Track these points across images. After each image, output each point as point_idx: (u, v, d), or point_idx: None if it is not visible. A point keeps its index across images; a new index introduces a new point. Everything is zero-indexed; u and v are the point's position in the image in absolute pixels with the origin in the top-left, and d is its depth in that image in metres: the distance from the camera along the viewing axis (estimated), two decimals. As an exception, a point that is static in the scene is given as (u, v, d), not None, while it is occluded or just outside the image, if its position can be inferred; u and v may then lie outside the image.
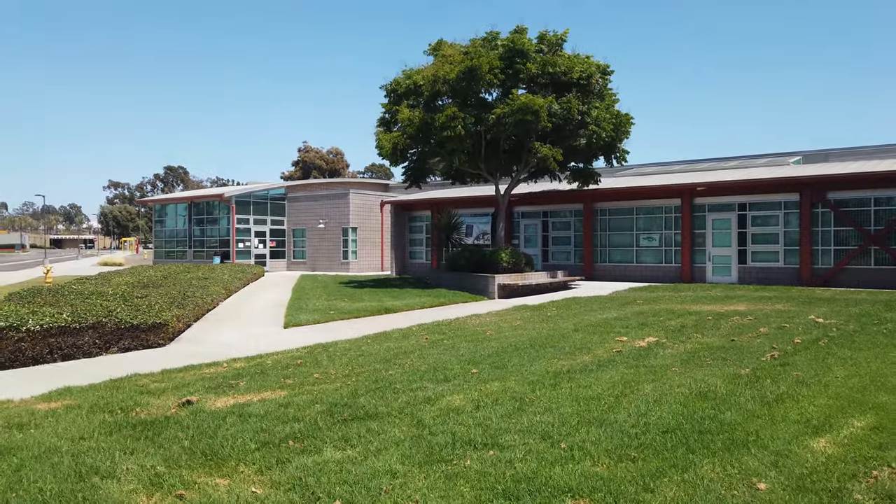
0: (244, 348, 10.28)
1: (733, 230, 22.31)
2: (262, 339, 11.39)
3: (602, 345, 8.77)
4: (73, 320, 9.61)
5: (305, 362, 8.06)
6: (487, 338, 9.74)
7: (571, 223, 26.17)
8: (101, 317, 10.02)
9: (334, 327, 12.73)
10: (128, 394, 6.60)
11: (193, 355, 9.65)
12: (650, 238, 24.15)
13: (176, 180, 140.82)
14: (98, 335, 9.83)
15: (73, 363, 9.27)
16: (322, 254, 35.48)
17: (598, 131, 19.36)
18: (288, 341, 10.85)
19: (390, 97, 21.37)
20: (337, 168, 65.44)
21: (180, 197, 38.62)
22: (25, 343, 8.99)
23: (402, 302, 16.33)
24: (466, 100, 19.46)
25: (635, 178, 27.12)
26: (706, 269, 22.74)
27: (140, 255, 70.52)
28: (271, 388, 6.69)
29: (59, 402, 6.37)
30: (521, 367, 7.22)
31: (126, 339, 10.18)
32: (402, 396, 5.98)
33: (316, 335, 11.64)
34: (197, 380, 7.25)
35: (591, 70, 19.69)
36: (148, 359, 9.49)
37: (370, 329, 12.10)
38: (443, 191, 32.04)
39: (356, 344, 9.63)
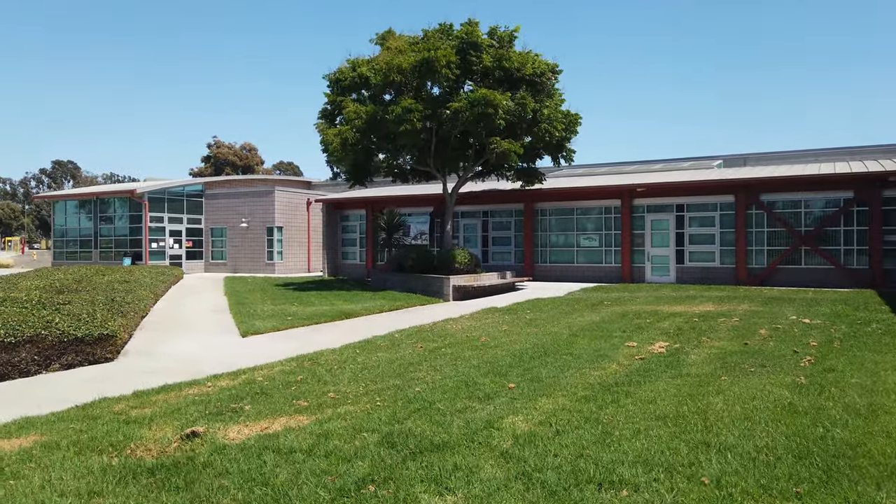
0: (209, 361, 9.12)
1: (671, 231, 22.72)
2: (223, 350, 10.21)
3: (615, 351, 8.31)
4: (6, 333, 8.16)
5: (305, 378, 7.10)
6: (486, 345, 9.07)
7: (512, 223, 25.93)
8: (40, 328, 8.59)
9: (298, 335, 11.67)
10: (110, 425, 5.46)
11: (155, 371, 8.44)
12: (590, 238, 24.25)
13: (65, 176, 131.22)
14: (37, 350, 8.41)
15: (11, 385, 7.85)
16: (244, 254, 33.62)
17: (551, 129, 19.11)
18: (257, 352, 9.76)
19: (334, 88, 20.28)
20: (251, 164, 62.55)
21: (84, 193, 35.51)
22: (-50, 362, 7.51)
23: (358, 306, 15.38)
24: (419, 93, 18.70)
25: (571, 178, 27.26)
26: (645, 269, 23.05)
27: (28, 256, 64.77)
28: (285, 412, 5.74)
29: (26, 439, 5.17)
30: (557, 380, 6.61)
31: (69, 354, 8.78)
32: (454, 420, 5.21)
33: (283, 344, 10.59)
34: (185, 404, 6.17)
35: (543, 68, 19.42)
36: (103, 377, 8.19)
37: (342, 336, 11.15)
38: (378, 189, 31.09)
39: (346, 355, 8.70)
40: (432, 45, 17.94)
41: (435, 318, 12.97)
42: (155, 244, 32.43)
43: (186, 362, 9.12)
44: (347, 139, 18.48)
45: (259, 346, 10.50)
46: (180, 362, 9.13)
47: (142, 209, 32.22)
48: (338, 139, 18.62)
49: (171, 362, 9.13)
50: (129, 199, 32.64)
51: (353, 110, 18.55)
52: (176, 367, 8.67)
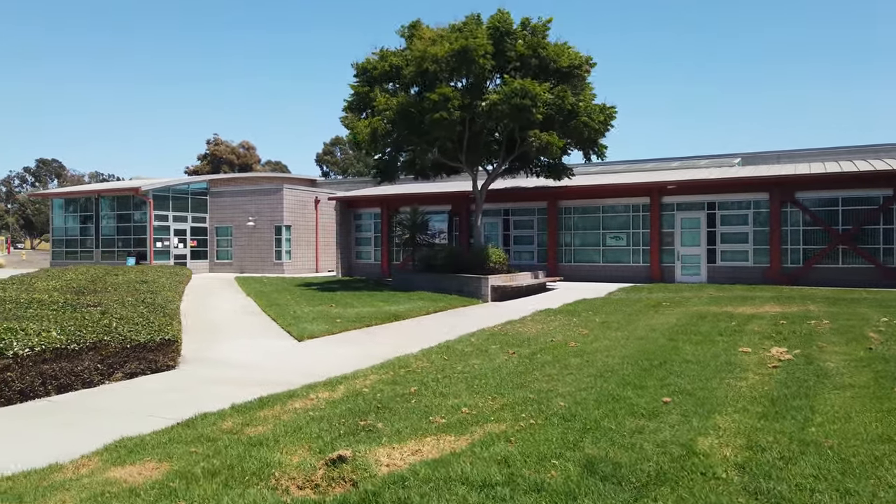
0: (280, 368, 8.40)
1: (702, 229, 22.19)
2: (286, 356, 9.49)
3: (735, 357, 7.68)
4: (68, 339, 7.38)
5: (419, 390, 6.39)
6: (583, 351, 8.41)
7: (534, 222, 25.29)
8: (102, 334, 7.80)
9: (356, 339, 10.97)
10: (235, 448, 4.74)
11: (228, 381, 7.71)
12: (617, 237, 23.67)
13: (50, 174, 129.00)
14: (100, 358, 7.64)
15: (79, 397, 7.08)
16: (251, 254, 32.71)
17: (591, 123, 18.48)
18: (325, 358, 9.06)
19: (361, 78, 19.53)
20: (249, 163, 61.34)
21: (85, 190, 34.40)
22: (12, 372, 6.73)
23: (400, 307, 14.67)
24: (455, 84, 18.01)
25: (590, 176, 26.70)
26: (675, 268, 22.52)
27: (16, 256, 63.16)
28: (427, 431, 5.04)
29: (146, 467, 4.44)
30: (708, 392, 5.97)
31: (132, 362, 8.01)
32: (640, 442, 4.55)
33: (346, 349, 9.89)
34: (303, 421, 5.45)
35: (580, 60, 18.82)
36: (176, 387, 7.44)
37: (404, 341, 10.47)
38: (393, 187, 30.35)
39: (436, 362, 8.00)
40: (469, 33, 17.24)
41: (494, 321, 12.29)
42: (159, 243, 31.45)
43: (255, 370, 8.40)
44: (378, 130, 17.74)
45: (321, 351, 9.79)
46: (248, 370, 8.40)
47: (146, 207, 31.23)
48: (368, 130, 17.88)
49: (238, 370, 8.40)
50: (133, 197, 31.63)
51: (384, 100, 17.82)
52: (248, 376, 7.95)
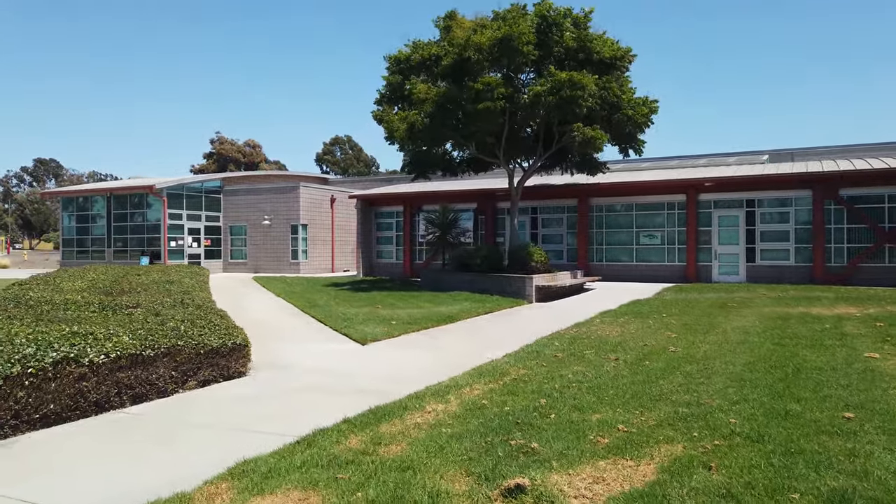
0: (358, 374, 7.76)
1: (741, 227, 21.59)
2: (358, 361, 8.83)
3: (865, 362, 7.05)
4: (142, 346, 6.70)
5: (551, 403, 5.71)
6: (692, 357, 7.75)
7: (564, 220, 24.65)
8: (175, 339, 7.13)
9: (419, 342, 10.32)
10: (386, 473, 4.09)
11: (310, 388, 7.10)
12: (651, 236, 23.05)
13: (48, 174, 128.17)
14: (174, 365, 6.96)
15: (154, 408, 6.40)
16: (267, 253, 32.00)
17: (636, 116, 17.84)
18: (400, 363, 8.46)
19: (395, 69, 18.87)
20: (255, 161, 60.50)
21: (97, 189, 33.63)
22: (88, 382, 6.06)
23: (447, 308, 14.02)
24: (495, 74, 17.36)
25: (621, 174, 26.07)
26: (712, 267, 21.91)
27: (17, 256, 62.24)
28: (595, 453, 4.39)
29: (289, 499, 3.78)
30: (886, 405, 5.34)
31: (206, 369, 7.33)
32: (873, 469, 3.91)
33: (417, 353, 9.27)
34: (441, 439, 4.78)
35: (623, 52, 18.20)
36: (258, 396, 6.78)
37: (471, 345, 9.87)
38: (415, 185, 29.67)
39: (535, 370, 7.34)
40: (513, 21, 16.58)
41: (557, 323, 11.63)
42: (173, 242, 30.74)
43: (334, 375, 7.74)
44: (415, 124, 17.07)
45: (392, 356, 9.14)
46: (327, 375, 7.75)
47: (159, 206, 30.52)
48: (404, 125, 17.21)
49: (315, 376, 7.74)
50: (146, 195, 30.91)
51: (422, 90, 17.14)
52: (330, 383, 7.31)
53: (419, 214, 27.26)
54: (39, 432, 5.60)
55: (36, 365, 5.66)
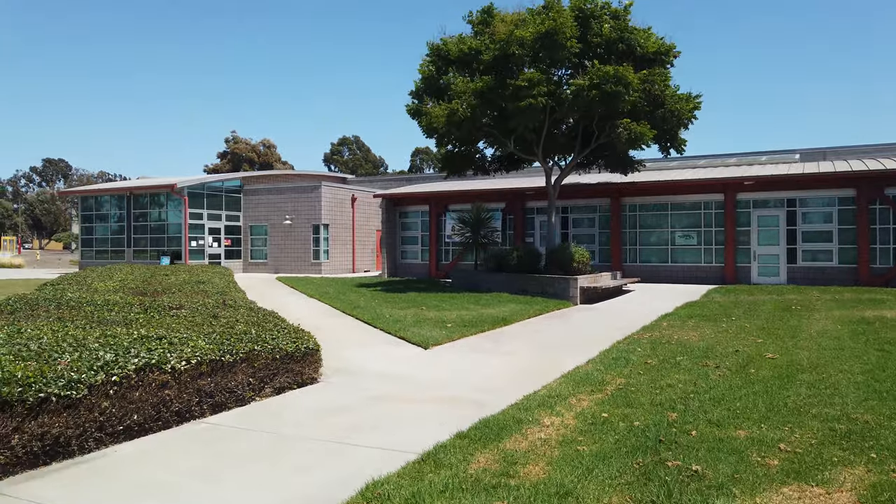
0: (441, 382, 7.29)
1: (781, 228, 21.05)
2: (429, 366, 8.36)
3: None
4: (221, 351, 6.24)
5: (681, 417, 5.24)
6: (799, 365, 7.24)
7: (596, 220, 24.15)
8: (252, 343, 6.67)
9: (482, 346, 9.84)
10: (546, 501, 3.60)
11: (398, 398, 6.62)
12: (687, 236, 22.53)
13: (56, 174, 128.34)
14: (252, 371, 6.50)
15: (236, 418, 5.94)
16: (288, 254, 31.58)
17: (680, 111, 17.33)
18: (470, 369, 7.99)
19: (435, 61, 18.40)
20: (270, 161, 60.09)
21: (117, 188, 33.26)
22: (170, 390, 5.60)
23: (498, 310, 13.55)
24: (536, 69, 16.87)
25: (653, 172, 25.54)
26: (751, 269, 21.37)
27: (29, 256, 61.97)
28: (774, 478, 3.91)
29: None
30: None
31: (281, 375, 6.87)
32: None
33: (485, 358, 8.80)
34: (584, 461, 4.31)
35: (667, 47, 17.69)
36: (346, 406, 6.32)
37: (535, 349, 9.39)
38: (443, 183, 29.24)
39: (631, 376, 6.87)
40: (556, 14, 16.09)
41: (621, 326, 11.16)
42: (194, 242, 30.33)
43: (411, 382, 7.28)
44: (457, 113, 16.57)
45: (462, 361, 8.66)
46: (404, 382, 7.29)
47: (180, 205, 30.12)
48: (443, 116, 16.71)
49: (392, 383, 7.28)
50: (167, 195, 30.52)
51: (463, 83, 16.67)
52: (411, 391, 6.86)
53: (445, 214, 26.81)
54: (124, 445, 5.15)
55: (119, 372, 5.21)
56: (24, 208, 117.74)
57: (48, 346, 5.80)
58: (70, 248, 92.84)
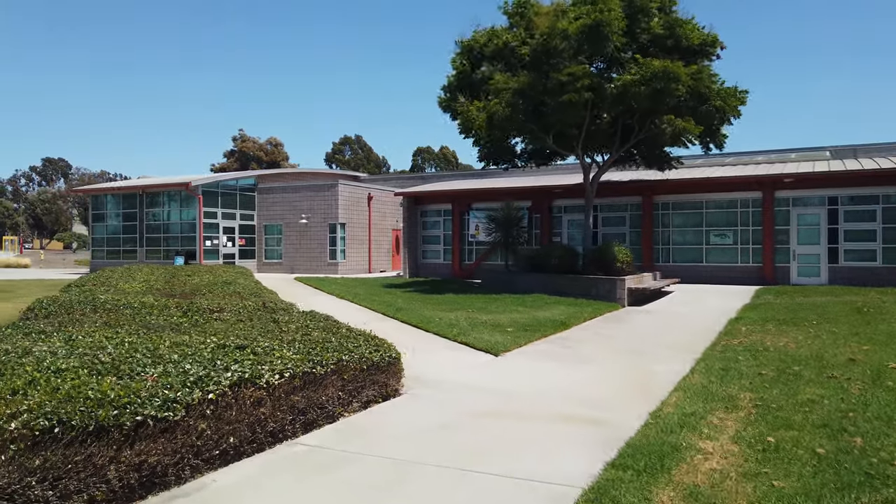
0: (535, 394, 6.62)
1: (822, 226, 20.38)
2: (510, 375, 7.70)
3: None
4: (312, 362, 5.56)
5: (866, 443, 4.57)
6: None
7: (626, 219, 23.46)
8: (340, 353, 5.99)
9: (553, 352, 9.19)
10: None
11: (496, 413, 5.97)
12: (723, 235, 21.85)
13: (56, 173, 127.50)
14: (341, 384, 5.82)
15: (332, 438, 5.26)
16: (303, 253, 30.87)
17: (726, 107, 16.66)
18: (565, 380, 7.31)
19: (467, 57, 17.73)
20: (277, 160, 59.31)
21: (128, 186, 32.53)
22: (265, 408, 4.91)
23: (551, 313, 12.89)
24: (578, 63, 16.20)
25: (687, 170, 24.87)
26: (790, 269, 20.69)
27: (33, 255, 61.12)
28: None
29: None
30: None
31: (369, 388, 6.19)
32: None
33: (559, 366, 8.13)
34: (795, 493, 3.64)
35: (712, 39, 17.03)
36: (446, 424, 5.64)
37: (609, 355, 8.71)
38: (465, 181, 28.58)
39: (760, 390, 6.19)
40: (603, 5, 15.40)
41: (689, 329, 10.50)
42: (208, 242, 29.62)
43: (499, 395, 6.65)
44: (496, 114, 15.89)
45: (544, 369, 8.01)
46: (492, 395, 6.66)
47: (194, 204, 29.41)
48: (483, 115, 16.04)
49: (480, 395, 6.63)
50: (180, 193, 29.81)
51: (501, 80, 15.99)
52: (508, 406, 6.23)
53: (469, 213, 26.12)
54: (221, 473, 4.46)
55: (215, 389, 4.53)
56: (25, 208, 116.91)
57: (120, 358, 5.12)
58: (71, 248, 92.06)
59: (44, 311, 9.82)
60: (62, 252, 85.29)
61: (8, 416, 3.42)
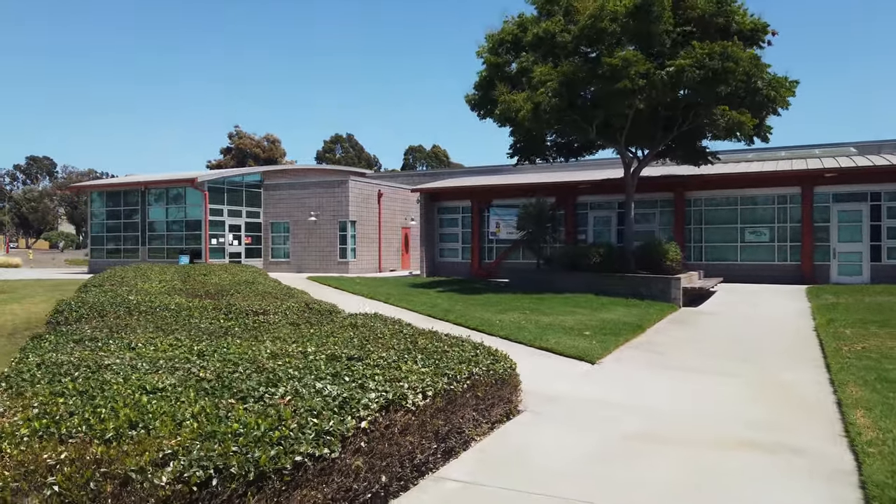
0: (669, 413, 5.69)
1: (865, 223, 19.62)
2: (621, 386, 6.76)
3: None
4: (447, 377, 4.59)
5: None
6: None
7: (656, 215, 22.61)
8: (470, 365, 5.02)
9: (647, 359, 8.29)
10: None
11: (648, 436, 5.00)
12: (759, 233, 21.05)
13: (41, 172, 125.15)
14: (475, 402, 4.86)
15: (478, 469, 4.31)
16: (311, 252, 29.80)
17: (778, 97, 15.82)
18: (696, 394, 6.40)
19: (498, 50, 16.79)
20: (274, 157, 57.98)
21: (130, 182, 31.22)
22: (412, 435, 3.94)
23: (614, 314, 11.99)
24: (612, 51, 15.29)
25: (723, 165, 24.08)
26: (830, 267, 19.93)
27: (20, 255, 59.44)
28: None
29: None
30: None
31: (498, 405, 5.23)
32: None
33: (683, 377, 7.20)
34: None
35: (762, 24, 16.19)
36: (603, 453, 4.72)
37: (721, 361, 7.80)
38: (484, 178, 27.64)
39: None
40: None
41: (779, 334, 9.62)
42: (214, 240, 28.46)
43: (634, 414, 5.72)
44: (542, 103, 14.94)
45: (657, 382, 7.11)
46: (627, 413, 5.75)
47: (199, 200, 28.25)
48: (528, 105, 15.09)
49: (606, 413, 5.69)
50: (185, 190, 28.63)
51: (544, 70, 15.06)
52: (659, 428, 5.26)
53: (489, 210, 25.18)
54: (377, 524, 3.49)
55: (366, 414, 3.55)
56: (10, 207, 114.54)
57: (224, 373, 4.14)
58: (58, 247, 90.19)
59: (74, 314, 8.81)
60: (50, 251, 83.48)
61: (152, 465, 2.43)
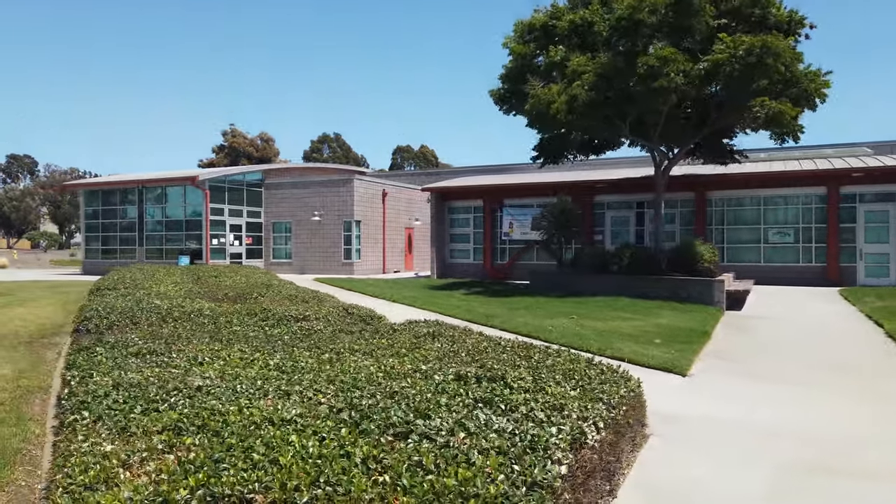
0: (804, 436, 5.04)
1: (892, 224, 19.20)
2: (733, 404, 6.12)
3: None
4: (602, 402, 3.90)
5: None
6: None
7: (676, 215, 22.07)
8: (614, 386, 4.33)
9: (740, 371, 7.62)
10: None
11: (813, 466, 4.35)
12: (783, 233, 20.57)
13: (22, 171, 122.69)
14: (631, 434, 4.16)
15: None
16: (314, 253, 28.96)
17: (814, 91, 15.29)
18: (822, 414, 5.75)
19: (526, 38, 16.13)
20: (268, 156, 56.83)
21: (126, 180, 30.13)
22: (595, 478, 3.25)
23: (666, 320, 11.41)
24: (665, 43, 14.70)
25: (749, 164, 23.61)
26: (857, 268, 19.48)
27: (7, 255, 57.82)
28: None
29: None
30: None
31: (637, 431, 4.54)
32: None
33: (777, 391, 6.57)
34: None
35: (798, 17, 15.68)
36: (783, 488, 4.03)
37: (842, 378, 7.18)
38: (496, 177, 26.99)
39: None
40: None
41: (867, 341, 9.03)
42: (215, 240, 27.54)
43: (778, 438, 5.02)
44: (577, 97, 14.30)
45: (764, 397, 6.46)
46: (766, 437, 5.03)
47: (199, 199, 27.32)
48: (564, 98, 14.44)
49: (749, 438, 5.05)
50: (185, 188, 27.69)
51: (581, 61, 14.42)
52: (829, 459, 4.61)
53: (501, 210, 24.54)
54: None
55: (563, 457, 2.85)
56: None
57: (351, 399, 3.41)
58: (41, 247, 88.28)
59: (104, 320, 8.05)
60: (33, 251, 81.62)
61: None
